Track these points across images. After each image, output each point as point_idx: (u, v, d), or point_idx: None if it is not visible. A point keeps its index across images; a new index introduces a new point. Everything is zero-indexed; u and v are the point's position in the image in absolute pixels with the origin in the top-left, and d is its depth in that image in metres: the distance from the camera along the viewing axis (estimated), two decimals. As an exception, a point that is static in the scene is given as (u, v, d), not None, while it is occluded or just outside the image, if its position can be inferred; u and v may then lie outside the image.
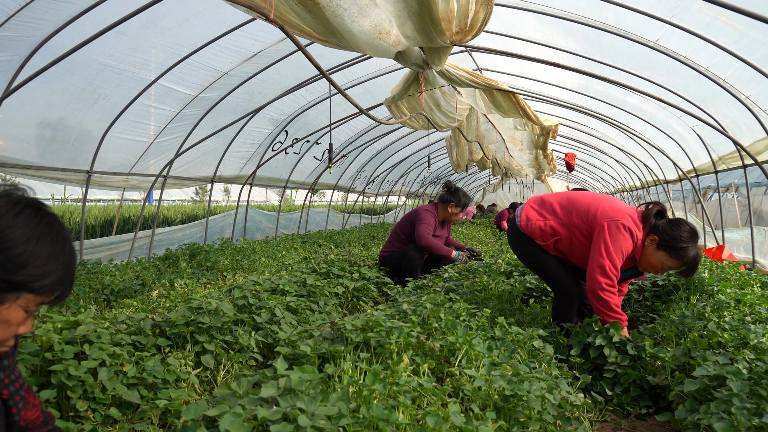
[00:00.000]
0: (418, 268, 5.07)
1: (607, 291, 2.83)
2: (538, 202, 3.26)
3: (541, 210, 3.19)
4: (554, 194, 3.25)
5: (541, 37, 6.02)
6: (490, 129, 9.80)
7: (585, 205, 3.05)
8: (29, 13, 3.84)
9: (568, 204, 3.13)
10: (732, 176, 9.62)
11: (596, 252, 2.87)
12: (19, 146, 5.00)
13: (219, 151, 7.58)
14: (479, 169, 13.03)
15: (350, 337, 2.31)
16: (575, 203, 3.10)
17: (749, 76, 5.07)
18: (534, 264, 3.29)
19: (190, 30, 4.95)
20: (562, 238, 3.10)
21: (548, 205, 3.19)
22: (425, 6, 3.28)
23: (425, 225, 5.12)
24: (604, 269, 2.82)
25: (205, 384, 2.55)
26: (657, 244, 2.84)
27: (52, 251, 1.11)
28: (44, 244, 1.10)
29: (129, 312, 3.59)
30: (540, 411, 1.93)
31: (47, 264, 1.10)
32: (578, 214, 3.05)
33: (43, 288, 1.10)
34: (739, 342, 2.58)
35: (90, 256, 6.29)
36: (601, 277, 2.82)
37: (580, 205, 3.07)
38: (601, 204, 3.00)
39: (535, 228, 3.17)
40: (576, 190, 3.58)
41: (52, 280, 1.11)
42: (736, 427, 1.84)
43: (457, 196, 5.30)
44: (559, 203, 3.16)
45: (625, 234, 2.84)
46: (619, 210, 2.92)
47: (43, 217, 1.13)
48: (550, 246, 3.15)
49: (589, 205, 3.03)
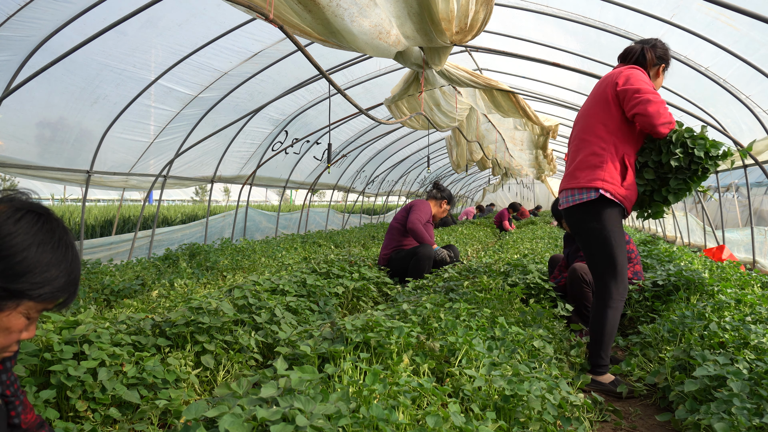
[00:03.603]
0: (428, 269, 5.06)
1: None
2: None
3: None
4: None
5: (541, 37, 6.02)
6: (490, 129, 9.80)
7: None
8: (29, 12, 3.84)
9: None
10: (732, 176, 9.62)
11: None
12: (19, 146, 5.00)
13: (219, 151, 7.58)
14: (479, 169, 13.03)
15: (350, 337, 2.31)
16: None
17: (750, 76, 5.07)
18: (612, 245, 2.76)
19: (190, 30, 4.95)
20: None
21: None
22: (425, 6, 3.28)
23: (421, 213, 5.32)
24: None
25: (205, 384, 2.54)
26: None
27: (53, 258, 1.09)
28: (45, 251, 1.08)
29: (129, 312, 3.59)
30: (540, 411, 1.93)
31: (48, 271, 1.08)
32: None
33: (44, 296, 1.09)
34: (739, 342, 2.58)
35: (90, 256, 6.29)
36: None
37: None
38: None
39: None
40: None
41: (53, 287, 1.10)
42: (736, 427, 1.84)
43: (447, 193, 5.77)
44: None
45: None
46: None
47: (45, 223, 1.11)
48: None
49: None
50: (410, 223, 5.21)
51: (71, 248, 1.15)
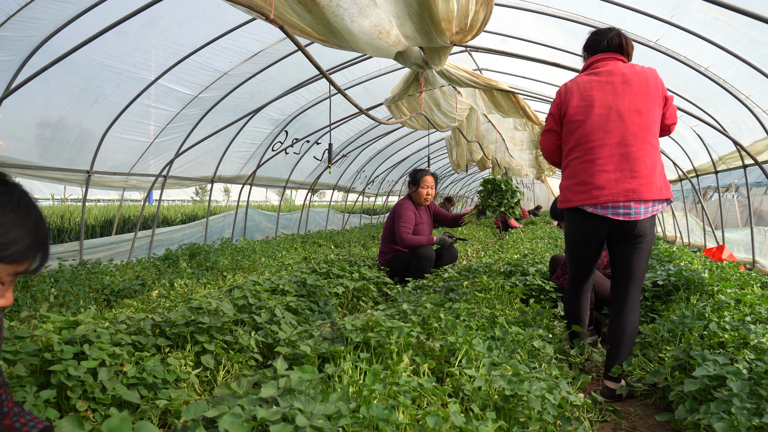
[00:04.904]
0: (428, 269, 5.04)
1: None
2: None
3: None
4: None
5: (541, 37, 6.02)
6: (490, 129, 9.80)
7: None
8: (29, 13, 3.84)
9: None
10: (732, 176, 9.62)
11: None
12: (19, 146, 5.01)
13: (219, 151, 7.58)
14: (479, 169, 13.03)
15: (350, 337, 2.31)
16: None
17: (749, 76, 5.07)
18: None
19: (190, 30, 4.95)
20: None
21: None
22: (425, 6, 3.29)
23: (403, 223, 5.12)
24: None
25: (205, 384, 2.54)
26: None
27: (15, 219, 1.10)
28: (5, 212, 1.10)
29: (129, 312, 3.59)
30: (540, 411, 1.93)
31: (11, 231, 1.09)
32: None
33: (12, 256, 1.10)
34: (739, 342, 2.58)
35: (90, 256, 6.29)
36: None
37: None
38: None
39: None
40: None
41: (20, 247, 1.11)
42: (736, 427, 1.84)
43: (413, 177, 5.35)
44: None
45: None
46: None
47: (1, 186, 1.12)
48: None
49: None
50: (400, 241, 5.08)
51: (33, 208, 1.16)
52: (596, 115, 2.63)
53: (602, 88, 2.66)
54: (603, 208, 2.59)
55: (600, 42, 2.77)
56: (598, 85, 2.67)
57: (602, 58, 2.75)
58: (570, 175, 2.71)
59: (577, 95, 2.70)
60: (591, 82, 2.69)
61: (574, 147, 2.69)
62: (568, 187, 2.71)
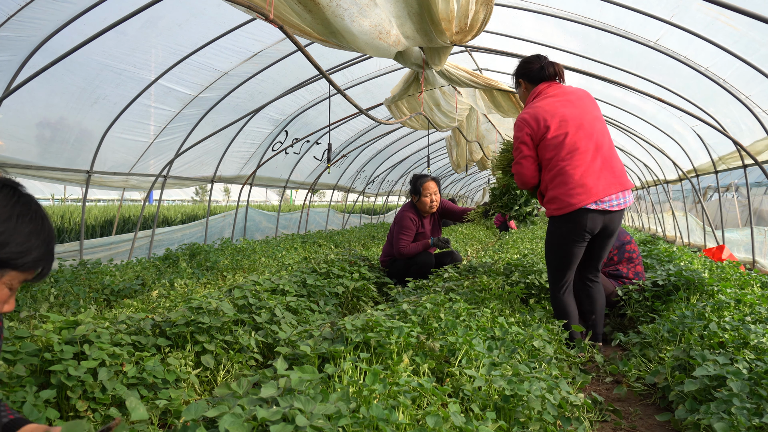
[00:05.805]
0: (426, 276, 5.00)
1: None
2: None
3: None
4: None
5: (541, 37, 6.01)
6: (490, 129, 9.80)
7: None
8: (29, 13, 3.84)
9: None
10: (732, 176, 9.61)
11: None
12: (19, 146, 5.01)
13: (219, 151, 7.58)
14: (479, 169, 13.03)
15: (350, 337, 2.31)
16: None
17: (749, 76, 5.07)
18: None
19: (190, 30, 4.95)
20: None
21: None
22: (425, 6, 3.29)
23: (403, 234, 5.01)
24: None
25: (205, 384, 2.54)
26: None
27: (32, 228, 1.15)
28: (24, 222, 1.14)
29: (129, 312, 3.59)
30: (540, 411, 1.93)
31: (29, 241, 1.14)
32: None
33: (27, 264, 1.14)
34: (739, 342, 2.58)
35: (90, 256, 6.29)
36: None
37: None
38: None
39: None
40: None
41: (35, 256, 1.15)
42: (736, 427, 1.84)
43: (413, 185, 5.08)
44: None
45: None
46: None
47: (21, 197, 1.16)
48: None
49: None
50: (397, 253, 5.00)
51: (46, 220, 1.21)
52: (573, 127, 3.02)
53: (565, 105, 3.07)
54: (602, 203, 3.00)
55: (536, 70, 3.25)
56: (561, 103, 3.08)
57: (548, 85, 3.21)
58: (562, 182, 3.02)
59: (550, 117, 3.05)
60: (554, 103, 3.08)
61: (563, 158, 3.02)
62: (564, 192, 3.01)
